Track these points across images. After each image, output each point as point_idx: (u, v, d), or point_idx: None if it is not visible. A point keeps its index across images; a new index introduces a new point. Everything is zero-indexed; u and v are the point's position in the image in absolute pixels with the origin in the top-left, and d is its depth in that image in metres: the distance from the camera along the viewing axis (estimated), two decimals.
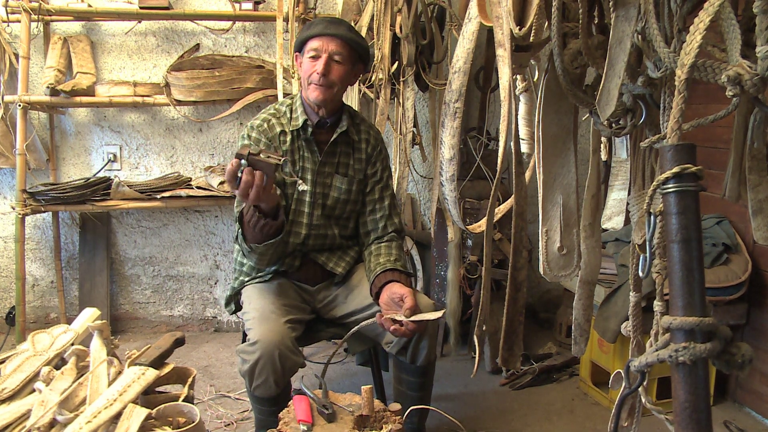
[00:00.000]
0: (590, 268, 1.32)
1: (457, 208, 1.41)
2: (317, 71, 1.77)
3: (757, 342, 2.25)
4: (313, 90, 1.80)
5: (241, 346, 1.70)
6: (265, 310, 1.74)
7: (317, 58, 1.78)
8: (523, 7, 1.12)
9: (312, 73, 1.79)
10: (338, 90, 1.83)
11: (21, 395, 1.55)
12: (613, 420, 1.05)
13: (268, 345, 1.62)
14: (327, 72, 1.77)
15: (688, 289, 0.80)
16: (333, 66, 1.79)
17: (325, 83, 1.78)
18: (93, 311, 1.94)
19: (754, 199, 1.14)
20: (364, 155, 1.94)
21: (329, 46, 1.77)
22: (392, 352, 1.85)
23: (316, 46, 1.78)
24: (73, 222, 3.06)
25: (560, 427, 2.25)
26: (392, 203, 1.99)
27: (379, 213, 1.96)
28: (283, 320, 1.71)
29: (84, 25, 2.92)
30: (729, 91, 0.82)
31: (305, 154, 1.88)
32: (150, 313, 3.20)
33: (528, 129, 1.48)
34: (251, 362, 1.63)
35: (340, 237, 1.96)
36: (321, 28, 1.79)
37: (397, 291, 1.71)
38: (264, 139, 1.85)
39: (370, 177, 1.96)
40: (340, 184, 1.91)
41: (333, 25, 1.81)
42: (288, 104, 1.92)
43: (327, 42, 1.77)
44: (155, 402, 1.54)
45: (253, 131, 1.86)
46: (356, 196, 1.95)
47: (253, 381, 1.65)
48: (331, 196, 1.91)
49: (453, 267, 2.67)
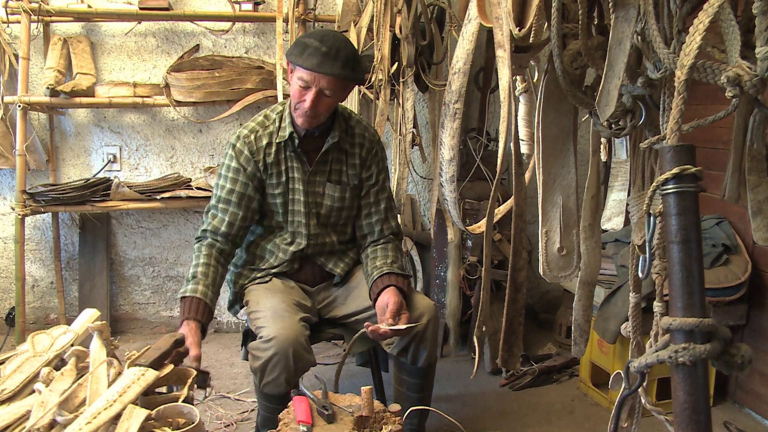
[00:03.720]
0: (590, 268, 1.32)
1: (456, 209, 1.41)
2: (305, 105, 1.72)
3: (756, 343, 2.25)
4: (299, 116, 1.77)
5: (254, 343, 1.69)
6: (278, 308, 1.73)
7: (307, 88, 1.71)
8: (523, 8, 1.12)
9: (300, 102, 1.74)
10: (325, 116, 1.79)
11: (21, 396, 1.55)
12: (612, 421, 1.05)
13: (283, 342, 1.62)
14: (315, 105, 1.72)
15: (688, 289, 0.80)
16: (322, 99, 1.72)
17: (312, 115, 1.74)
18: (93, 312, 1.94)
19: (754, 200, 1.14)
20: (357, 160, 1.91)
21: (321, 81, 1.69)
22: (393, 353, 1.85)
23: (306, 78, 1.69)
24: (72, 223, 3.06)
25: (560, 427, 2.25)
26: (389, 206, 1.96)
27: (375, 216, 1.94)
28: (297, 318, 1.71)
29: (84, 25, 2.92)
30: (728, 92, 0.82)
31: (294, 165, 1.85)
32: (150, 313, 3.19)
33: (528, 130, 1.48)
34: (264, 359, 1.63)
35: (338, 243, 1.96)
36: (314, 64, 1.67)
37: (385, 300, 1.73)
38: (246, 152, 1.83)
39: (365, 180, 1.93)
40: (332, 192, 1.89)
41: (328, 61, 1.67)
42: (279, 111, 1.88)
43: (319, 78, 1.68)
44: (155, 403, 1.54)
45: (238, 141, 1.84)
46: (351, 202, 1.93)
47: (264, 377, 1.65)
48: (325, 204, 1.89)
49: (453, 268, 2.67)
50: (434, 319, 1.82)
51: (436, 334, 1.84)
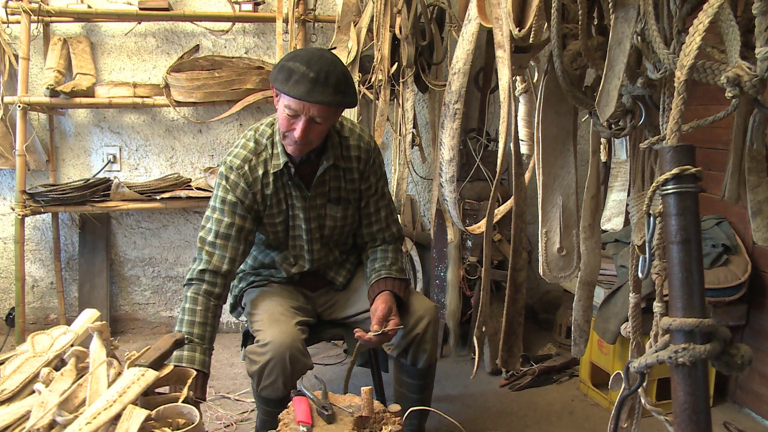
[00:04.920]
0: (590, 269, 1.32)
1: (456, 209, 1.41)
2: (295, 135, 1.60)
3: (756, 343, 2.25)
4: (289, 145, 1.67)
5: (251, 347, 1.69)
6: (275, 312, 1.74)
7: (296, 117, 1.58)
8: (523, 9, 1.12)
9: (289, 131, 1.62)
10: (317, 142, 1.69)
11: (20, 396, 1.55)
12: (612, 421, 1.05)
13: (279, 346, 1.62)
14: (306, 134, 1.60)
15: (688, 290, 0.80)
16: (313, 127, 1.60)
17: (303, 143, 1.63)
18: (92, 312, 1.94)
19: (754, 200, 1.14)
20: (356, 174, 1.83)
21: (311, 110, 1.56)
22: (393, 354, 1.85)
23: (294, 107, 1.56)
24: (72, 223, 3.06)
25: (560, 428, 2.25)
26: (389, 212, 1.93)
27: (375, 226, 1.92)
28: (293, 322, 1.71)
29: (84, 26, 2.92)
30: (728, 93, 0.82)
31: (292, 192, 1.78)
32: (150, 314, 3.19)
33: (527, 130, 1.49)
34: (261, 363, 1.63)
35: (340, 254, 1.96)
36: (302, 92, 1.52)
37: (376, 306, 1.72)
38: (242, 185, 1.73)
39: (364, 192, 1.87)
40: (334, 213, 1.84)
41: (317, 88, 1.53)
42: (269, 136, 1.76)
43: (308, 107, 1.55)
44: (155, 403, 1.54)
45: (232, 173, 1.72)
46: (353, 217, 1.90)
47: (261, 381, 1.65)
48: (327, 225, 1.86)
49: (453, 268, 2.67)
50: (434, 320, 1.82)
51: (436, 335, 1.84)
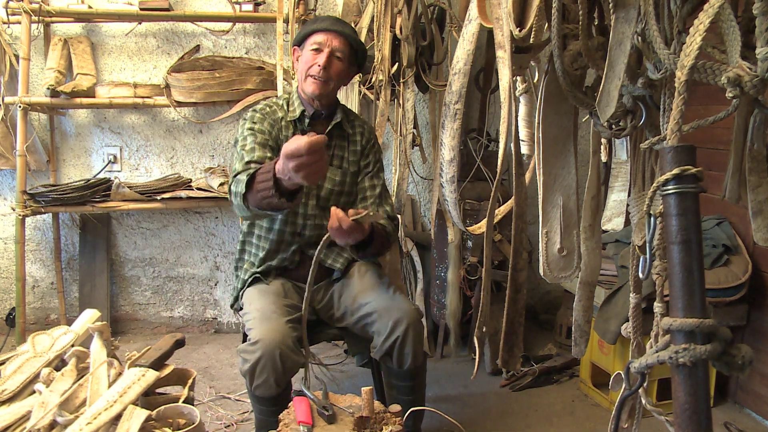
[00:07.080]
0: (590, 269, 1.32)
1: (457, 210, 1.41)
2: (318, 63, 1.82)
3: (757, 343, 2.25)
4: (311, 83, 1.85)
5: (242, 346, 1.70)
6: (266, 310, 1.74)
7: (319, 51, 1.84)
8: (523, 9, 1.12)
9: (313, 65, 1.84)
10: (334, 86, 1.89)
11: (21, 396, 1.55)
12: (613, 421, 1.05)
13: (269, 344, 1.62)
14: (327, 66, 1.83)
15: (688, 290, 0.80)
16: (333, 61, 1.84)
17: (324, 77, 1.83)
18: (93, 312, 1.94)
19: (754, 201, 1.14)
20: (358, 147, 1.99)
21: (333, 42, 1.84)
22: (376, 357, 1.85)
23: (320, 40, 1.84)
24: (73, 223, 3.06)
25: (560, 428, 2.25)
26: (383, 191, 2.01)
27: (370, 200, 1.97)
28: (284, 320, 1.71)
29: (84, 26, 2.92)
30: (729, 93, 0.82)
31: None
32: (150, 314, 3.19)
33: (528, 130, 1.49)
34: (252, 362, 1.64)
35: None
36: (327, 24, 1.85)
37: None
38: (269, 121, 1.89)
39: (362, 169, 2.00)
40: (333, 176, 1.94)
41: (339, 23, 1.88)
42: (285, 98, 1.98)
43: (331, 38, 1.84)
44: (155, 403, 1.54)
45: (257, 114, 1.90)
46: (350, 188, 1.98)
47: (254, 380, 1.65)
48: (325, 187, 1.94)
49: (453, 268, 2.67)
50: (414, 322, 1.78)
51: (419, 336, 1.80)
